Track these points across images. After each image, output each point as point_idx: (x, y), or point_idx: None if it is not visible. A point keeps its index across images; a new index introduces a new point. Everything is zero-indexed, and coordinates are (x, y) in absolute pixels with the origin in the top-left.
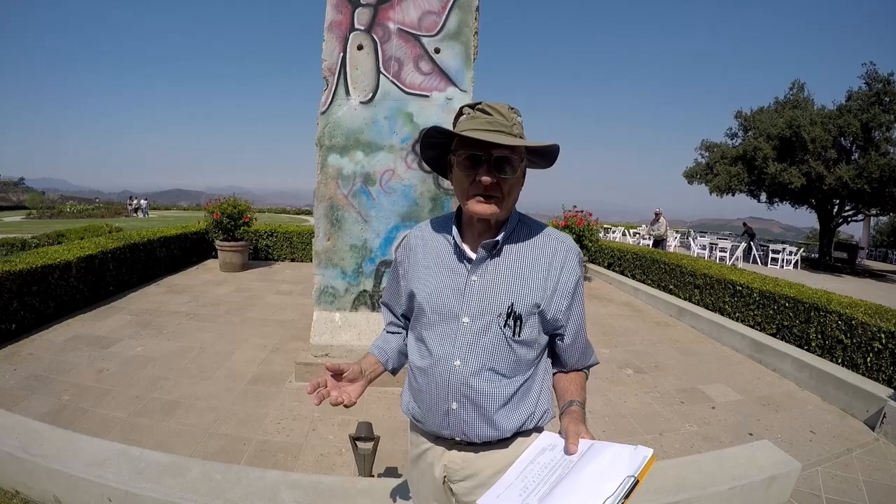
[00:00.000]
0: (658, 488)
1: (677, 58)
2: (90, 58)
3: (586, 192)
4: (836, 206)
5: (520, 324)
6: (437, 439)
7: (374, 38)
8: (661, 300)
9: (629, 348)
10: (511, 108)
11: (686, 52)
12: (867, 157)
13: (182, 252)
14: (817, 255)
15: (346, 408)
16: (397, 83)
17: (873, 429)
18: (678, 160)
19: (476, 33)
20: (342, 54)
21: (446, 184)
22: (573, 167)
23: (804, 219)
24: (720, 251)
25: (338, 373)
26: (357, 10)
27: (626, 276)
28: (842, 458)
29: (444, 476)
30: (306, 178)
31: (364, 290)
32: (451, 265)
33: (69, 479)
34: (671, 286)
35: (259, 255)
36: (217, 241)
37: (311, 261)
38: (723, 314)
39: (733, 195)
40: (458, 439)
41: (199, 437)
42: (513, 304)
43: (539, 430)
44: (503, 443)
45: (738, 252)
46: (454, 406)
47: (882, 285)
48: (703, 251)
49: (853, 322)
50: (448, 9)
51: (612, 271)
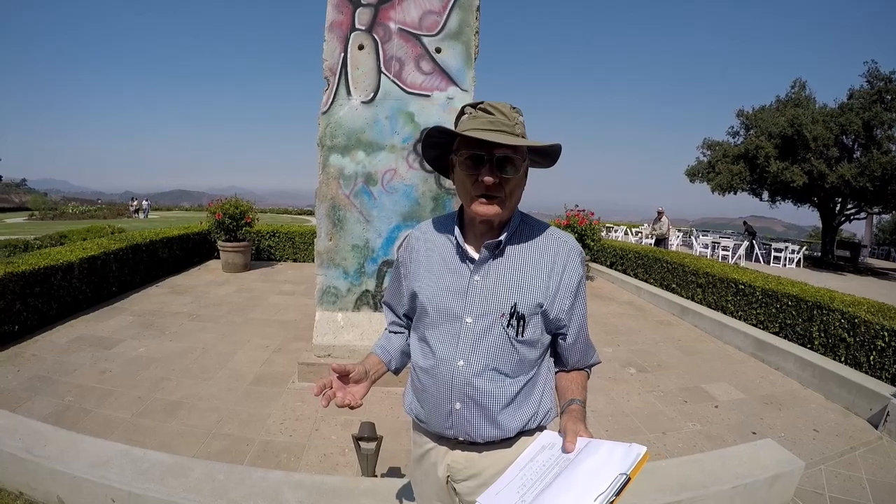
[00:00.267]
0: (661, 487)
1: (678, 57)
2: (91, 59)
3: (588, 191)
4: (839, 205)
5: (523, 324)
6: (441, 439)
7: (375, 37)
8: (663, 299)
9: (632, 347)
10: (513, 108)
11: (687, 52)
12: (869, 155)
13: (184, 253)
14: (820, 254)
15: (351, 409)
16: (398, 83)
17: (877, 427)
18: (680, 159)
19: (477, 33)
20: (343, 54)
21: (448, 183)
22: (575, 167)
23: (806, 217)
24: (722, 250)
25: (343, 374)
26: (358, 10)
27: (629, 274)
28: (845, 457)
29: (448, 476)
30: (308, 178)
31: (366, 290)
32: (453, 265)
33: (72, 479)
34: (674, 285)
35: (261, 255)
36: (219, 242)
37: (314, 261)
38: (725, 313)
39: (735, 194)
40: (461, 439)
41: (201, 438)
42: (516, 305)
43: (542, 429)
44: (506, 442)
45: (741, 251)
46: (458, 406)
47: (885, 283)
48: (705, 250)
49: (856, 320)
50: (449, 8)
51: (615, 270)
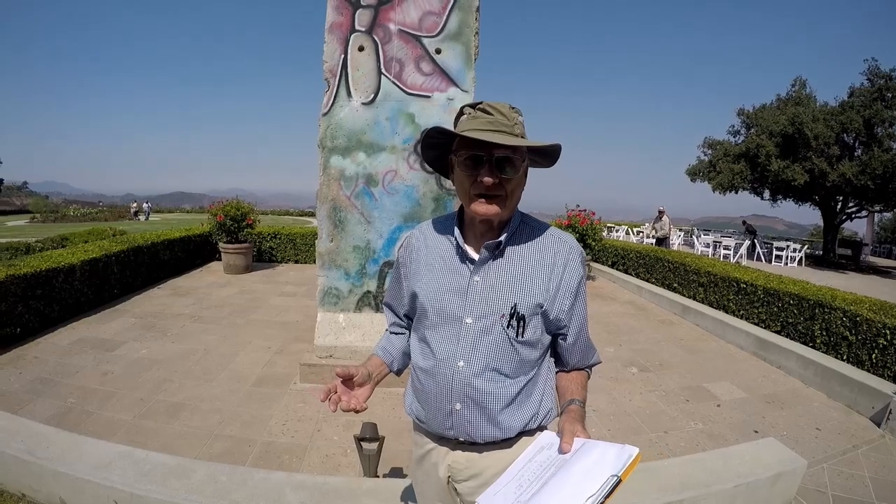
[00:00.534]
0: (663, 486)
1: (678, 57)
2: (91, 61)
3: (589, 191)
4: (840, 203)
5: (523, 324)
6: (441, 440)
7: (375, 39)
8: (665, 298)
9: (634, 347)
10: (512, 108)
11: (687, 51)
12: (870, 153)
13: (186, 255)
14: (821, 252)
15: (356, 413)
16: (399, 84)
17: (879, 425)
18: (681, 158)
19: (477, 33)
20: (343, 56)
21: (448, 184)
22: (576, 166)
23: (808, 216)
24: (724, 249)
25: (347, 378)
26: (358, 12)
27: (630, 274)
28: (848, 455)
29: (449, 476)
30: (309, 179)
31: (368, 291)
32: (453, 266)
33: (75, 481)
34: (675, 284)
35: (262, 257)
36: (220, 244)
37: (315, 262)
38: (727, 312)
39: (736, 193)
40: (461, 440)
41: (203, 439)
42: (516, 305)
43: (543, 429)
44: (507, 442)
45: (742, 250)
46: (458, 406)
47: (886, 281)
48: (706, 249)
49: (858, 318)
50: (448, 9)
51: (616, 270)
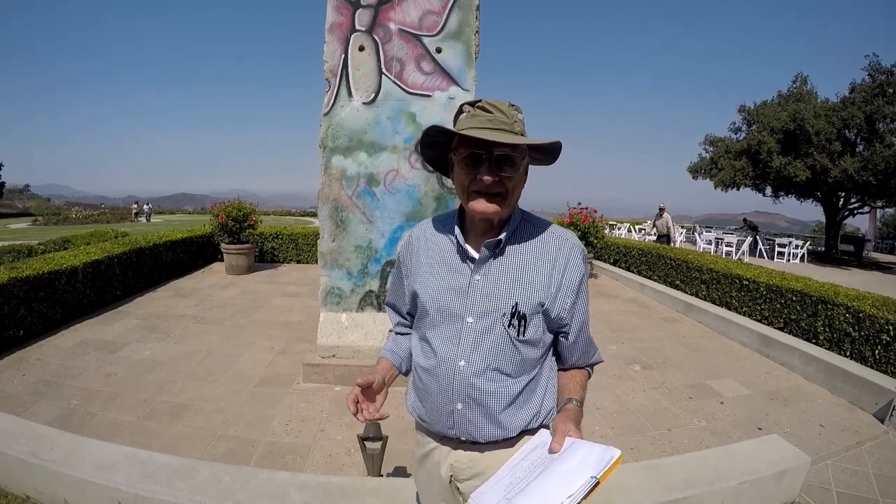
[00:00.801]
0: (667, 484)
1: (679, 56)
2: (92, 62)
3: (590, 189)
4: (842, 199)
5: (524, 323)
6: (443, 439)
7: (376, 38)
8: (667, 296)
9: (636, 344)
10: (511, 105)
11: (687, 50)
12: (872, 148)
13: (188, 256)
14: (823, 249)
15: (377, 421)
16: (399, 83)
17: (883, 421)
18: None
19: (477, 32)
20: (344, 56)
21: (450, 183)
22: (577, 165)
23: (810, 212)
24: (726, 246)
25: (367, 386)
26: (358, 12)
27: (633, 272)
28: (851, 452)
29: (451, 475)
30: (310, 180)
31: (370, 291)
32: (453, 265)
33: (79, 483)
34: (678, 282)
35: (265, 257)
36: (223, 245)
37: (317, 262)
38: (730, 309)
39: (738, 189)
40: (463, 439)
41: (207, 440)
42: (517, 304)
43: (545, 428)
44: (509, 442)
45: (744, 246)
46: (459, 406)
47: (889, 277)
48: (708, 246)
49: (861, 315)
50: (449, 8)
51: (618, 267)
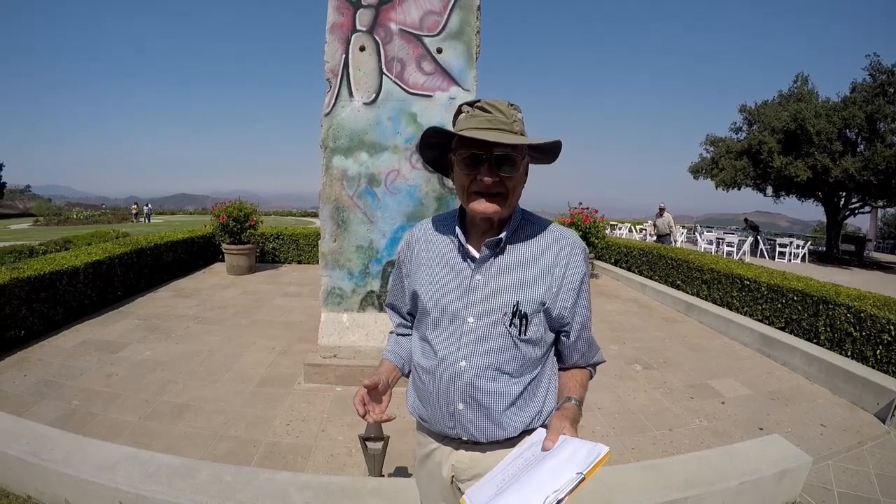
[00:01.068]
0: (668, 484)
1: (679, 56)
2: (93, 63)
3: (591, 189)
4: (843, 199)
5: (525, 322)
6: (445, 439)
7: (376, 39)
8: (668, 296)
9: (637, 344)
10: (511, 105)
11: (688, 49)
12: (873, 148)
13: (189, 256)
14: (825, 248)
15: (384, 423)
16: (400, 84)
17: (884, 421)
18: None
19: (478, 32)
20: (344, 56)
21: (451, 183)
22: (578, 165)
23: (811, 212)
24: (727, 246)
25: (373, 387)
26: (358, 12)
27: (633, 272)
28: (853, 452)
29: (452, 476)
30: (311, 180)
31: (371, 291)
32: (454, 264)
33: (80, 483)
34: (679, 282)
35: (266, 257)
36: (224, 245)
37: (318, 263)
38: (731, 309)
39: (739, 189)
40: (465, 439)
41: (208, 440)
42: (518, 303)
43: (545, 427)
44: (510, 442)
45: (745, 246)
46: (460, 406)
47: (890, 277)
48: (709, 246)
49: (862, 315)
50: (449, 8)
51: (619, 268)
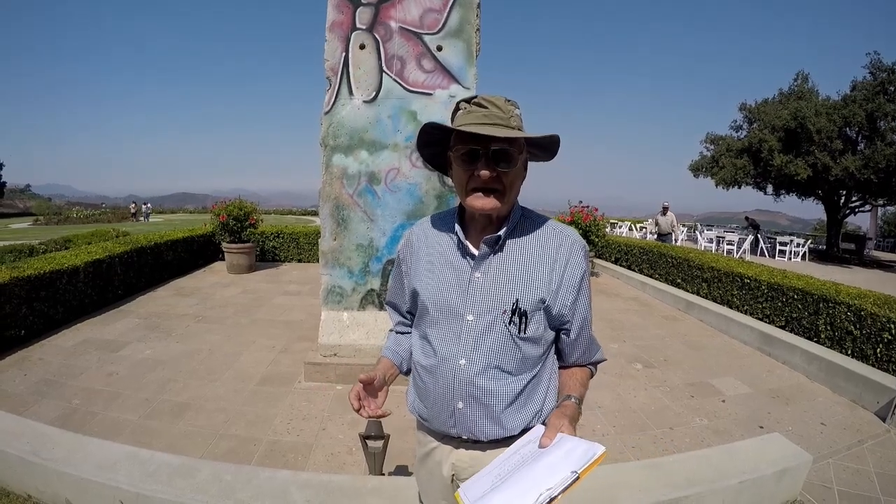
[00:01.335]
0: (669, 483)
1: (679, 55)
2: (93, 63)
3: (591, 188)
4: (843, 197)
5: (525, 320)
6: (445, 438)
7: (376, 37)
8: (668, 294)
9: (638, 343)
10: (508, 100)
11: (688, 49)
12: (873, 147)
13: (189, 255)
14: (825, 247)
15: (379, 418)
16: (400, 82)
17: (884, 420)
18: (683, 154)
19: (478, 30)
20: (344, 54)
21: (451, 181)
22: (578, 163)
23: (811, 210)
24: (727, 244)
25: (369, 382)
26: (358, 10)
27: (634, 270)
28: (853, 450)
29: (453, 475)
30: (311, 178)
31: (371, 289)
32: (453, 262)
33: (80, 482)
34: (679, 280)
35: (266, 256)
36: (224, 244)
37: (318, 261)
38: (731, 307)
39: (739, 188)
40: (465, 438)
41: (208, 439)
42: (518, 301)
43: (544, 425)
44: (511, 440)
45: (746, 245)
46: (460, 405)
47: (891, 276)
48: (710, 244)
49: (862, 313)
50: (449, 6)
51: (620, 266)
